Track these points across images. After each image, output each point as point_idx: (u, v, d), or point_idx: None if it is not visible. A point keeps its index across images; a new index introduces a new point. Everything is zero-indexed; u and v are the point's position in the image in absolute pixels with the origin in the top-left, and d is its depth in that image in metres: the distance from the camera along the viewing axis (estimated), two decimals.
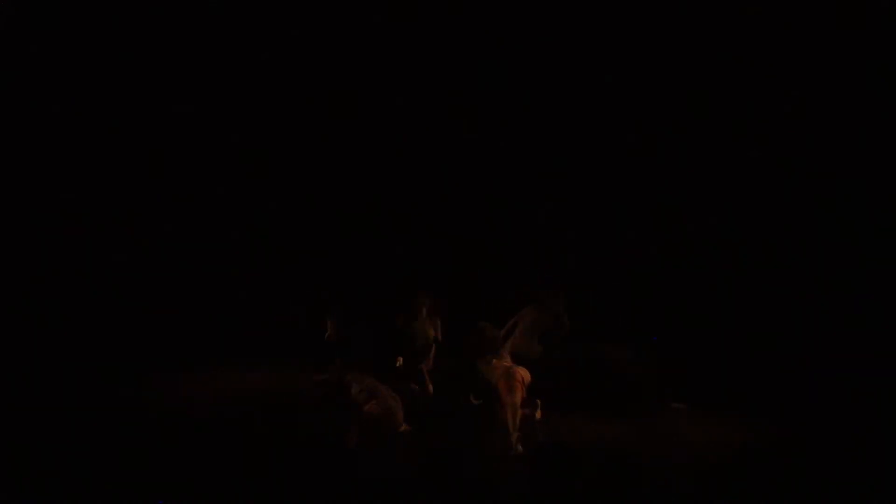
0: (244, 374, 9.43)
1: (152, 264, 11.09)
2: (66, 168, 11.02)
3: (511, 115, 11.35)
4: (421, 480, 4.42)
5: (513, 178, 11.51)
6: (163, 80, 11.12)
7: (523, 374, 7.75)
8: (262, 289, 10.87)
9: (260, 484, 4.59)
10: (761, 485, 4.32)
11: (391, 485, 4.56)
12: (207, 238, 11.15)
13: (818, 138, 10.63)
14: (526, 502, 4.46)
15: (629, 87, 11.12)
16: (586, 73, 11.13)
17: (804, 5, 10.42)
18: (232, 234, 11.19)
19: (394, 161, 11.51)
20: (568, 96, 11.26)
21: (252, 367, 9.56)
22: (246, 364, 9.66)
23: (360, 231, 11.47)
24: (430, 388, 9.10)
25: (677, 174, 11.19)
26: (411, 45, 11.13)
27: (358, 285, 10.15)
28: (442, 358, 9.24)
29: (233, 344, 10.00)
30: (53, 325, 10.14)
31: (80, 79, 10.98)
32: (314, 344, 8.95)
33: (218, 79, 11.23)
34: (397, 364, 9.16)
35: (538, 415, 7.95)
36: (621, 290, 11.18)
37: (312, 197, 11.55)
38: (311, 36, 11.17)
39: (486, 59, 11.13)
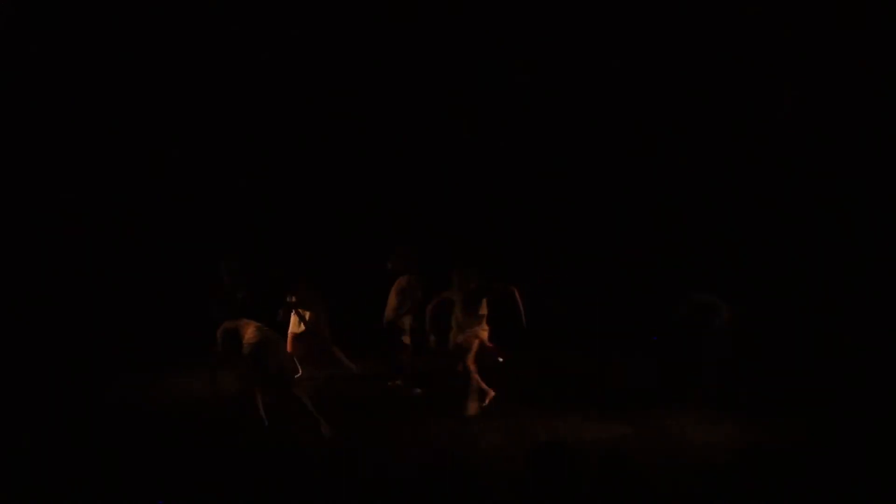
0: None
1: (138, 264, 11.06)
2: (56, 169, 11.01)
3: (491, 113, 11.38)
4: (420, 480, 4.41)
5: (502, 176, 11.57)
6: (154, 81, 11.11)
7: None
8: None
9: (256, 483, 4.59)
10: (762, 485, 4.32)
11: (390, 485, 4.55)
12: (191, 238, 11.07)
13: (819, 138, 10.64)
14: (526, 502, 4.45)
15: (615, 84, 11.15)
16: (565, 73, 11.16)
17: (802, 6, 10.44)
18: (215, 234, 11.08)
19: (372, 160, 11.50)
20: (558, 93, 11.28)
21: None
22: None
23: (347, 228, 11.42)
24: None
25: (674, 173, 11.21)
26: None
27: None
28: None
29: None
30: (39, 325, 10.14)
31: (77, 79, 10.97)
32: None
33: (214, 79, 11.21)
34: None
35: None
36: (622, 291, 11.19)
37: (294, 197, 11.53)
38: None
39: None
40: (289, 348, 8.69)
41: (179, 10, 10.90)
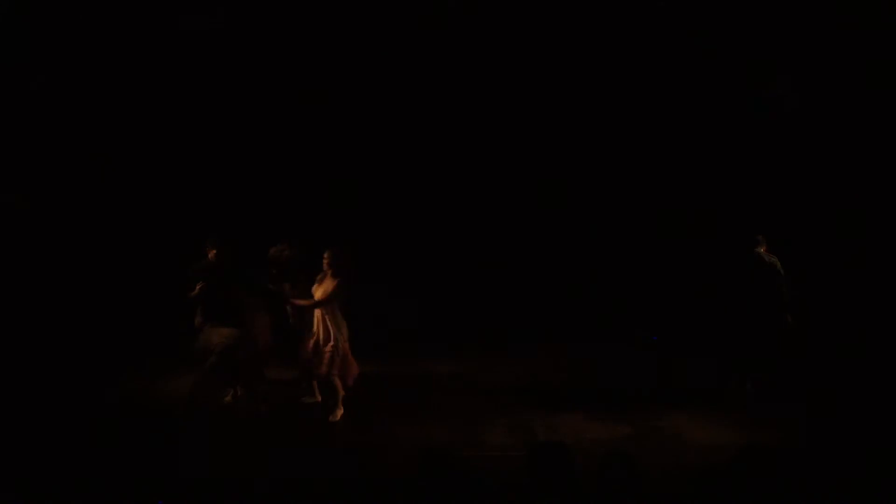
0: None
1: (137, 263, 11.03)
2: (55, 167, 10.98)
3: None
4: (418, 480, 4.41)
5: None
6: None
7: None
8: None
9: (255, 483, 4.59)
10: (762, 485, 4.32)
11: (388, 484, 4.55)
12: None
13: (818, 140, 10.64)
14: (526, 502, 4.45)
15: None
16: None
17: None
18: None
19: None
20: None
21: None
22: None
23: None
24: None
25: (672, 171, 11.22)
26: None
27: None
28: None
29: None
30: (38, 324, 10.12)
31: (71, 78, 10.94)
32: None
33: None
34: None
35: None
36: (622, 291, 11.19)
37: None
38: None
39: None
40: None
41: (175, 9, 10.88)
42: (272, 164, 11.40)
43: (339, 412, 8.00)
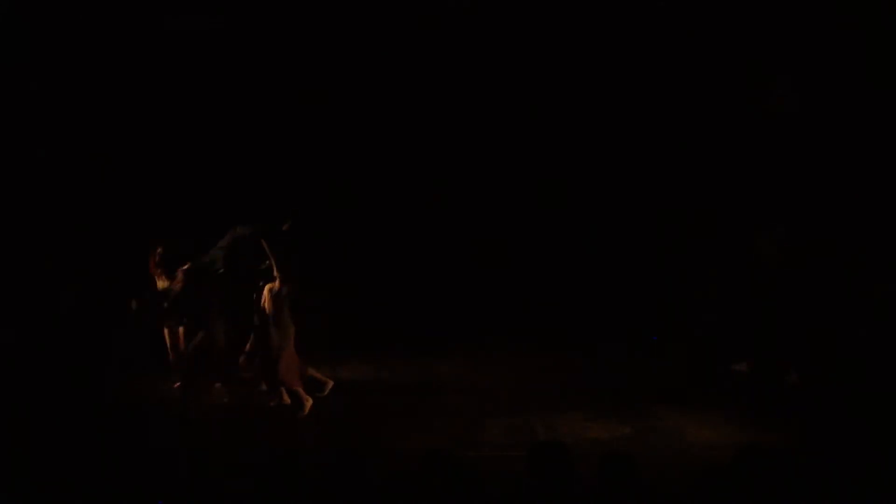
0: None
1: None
2: (57, 166, 10.97)
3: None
4: (418, 480, 4.41)
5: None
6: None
7: None
8: None
9: (255, 483, 4.58)
10: (762, 485, 4.32)
11: (388, 484, 4.55)
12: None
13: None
14: (526, 502, 4.45)
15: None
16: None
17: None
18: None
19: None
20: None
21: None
22: None
23: None
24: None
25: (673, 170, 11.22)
26: None
27: None
28: None
29: None
30: (36, 324, 10.11)
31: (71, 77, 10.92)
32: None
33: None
34: None
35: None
36: (622, 291, 11.18)
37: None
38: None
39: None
40: None
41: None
42: (271, 164, 11.38)
43: (307, 405, 8.02)
